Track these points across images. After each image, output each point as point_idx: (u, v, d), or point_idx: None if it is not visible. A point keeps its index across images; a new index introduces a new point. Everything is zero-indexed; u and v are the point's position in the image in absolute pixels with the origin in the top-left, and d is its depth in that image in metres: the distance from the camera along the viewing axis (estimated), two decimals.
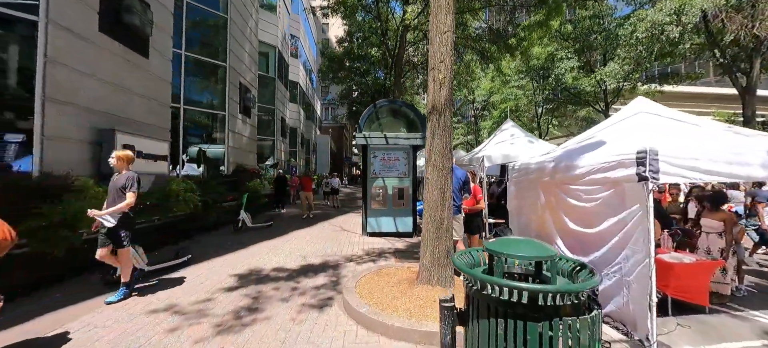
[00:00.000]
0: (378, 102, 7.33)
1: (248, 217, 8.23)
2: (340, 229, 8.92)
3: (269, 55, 17.88)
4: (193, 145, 11.17)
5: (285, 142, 19.67)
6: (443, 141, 3.73)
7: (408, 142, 7.34)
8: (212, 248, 6.34)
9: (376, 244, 7.06)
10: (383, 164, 7.93)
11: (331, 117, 46.57)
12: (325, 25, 54.05)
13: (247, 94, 12.66)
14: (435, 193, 3.70)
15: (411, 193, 7.89)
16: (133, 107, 6.53)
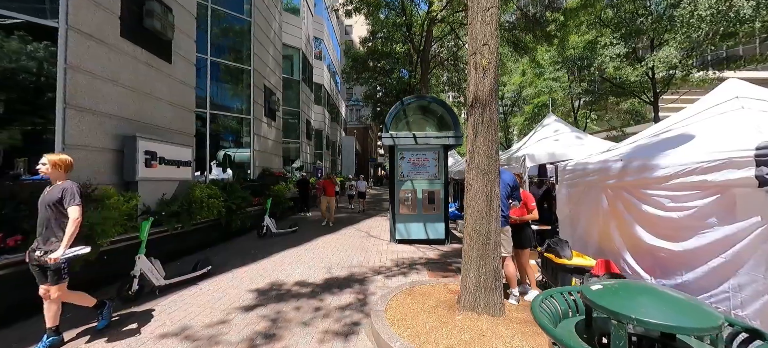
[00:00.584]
0: (405, 99, 6.77)
1: (272, 223, 7.98)
2: (366, 235, 8.45)
3: (293, 57, 17.87)
4: (222, 150, 11.22)
5: (310, 144, 19.62)
6: (488, 139, 3.10)
7: (439, 141, 6.71)
8: (235, 257, 6.08)
9: (406, 253, 6.50)
10: (412, 166, 7.36)
11: (356, 118, 46.59)
12: (348, 27, 54.40)
13: (271, 97, 12.57)
14: (479, 202, 3.08)
15: (442, 196, 7.26)
16: (156, 113, 6.43)
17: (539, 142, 7.20)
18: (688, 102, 19.40)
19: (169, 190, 6.18)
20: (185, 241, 6.09)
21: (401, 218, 7.25)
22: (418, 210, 7.25)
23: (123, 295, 3.80)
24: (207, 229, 6.81)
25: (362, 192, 13.65)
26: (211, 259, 5.72)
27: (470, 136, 3.20)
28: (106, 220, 4.19)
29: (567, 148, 6.47)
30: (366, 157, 45.41)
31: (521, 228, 3.83)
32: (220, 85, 10.82)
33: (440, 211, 7.24)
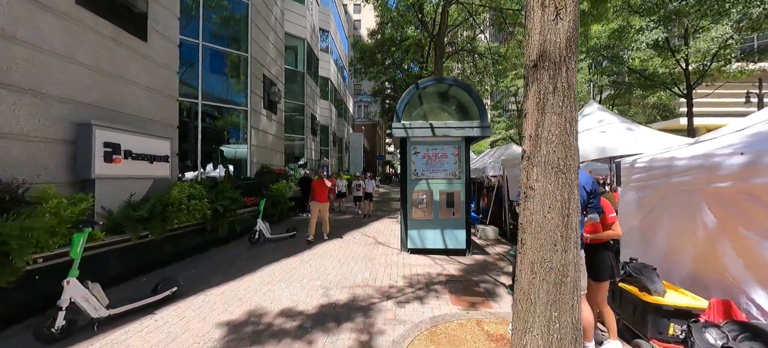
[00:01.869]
0: (421, 81, 5.65)
1: (266, 227, 6.97)
2: (373, 242, 7.38)
3: (298, 48, 16.89)
4: (224, 145, 10.30)
5: (315, 140, 18.66)
6: (564, 117, 1.98)
7: (461, 132, 5.56)
8: (215, 270, 5.08)
9: (420, 265, 5.41)
10: (427, 162, 6.25)
11: (364, 114, 45.59)
12: (356, 22, 53.35)
13: (272, 87, 11.60)
14: (550, 217, 1.96)
15: (463, 199, 6.12)
16: (129, 99, 5.47)
17: (582, 133, 5.99)
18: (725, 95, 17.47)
19: (140, 189, 5.21)
20: (157, 252, 5.12)
21: (414, 224, 6.15)
22: (435, 214, 6.14)
23: (43, 333, 2.80)
24: (188, 235, 5.84)
25: (369, 193, 11.58)
26: (186, 274, 4.74)
27: (532, 114, 2.08)
28: (34, 230, 3.21)
29: (618, 141, 5.29)
30: (374, 155, 44.38)
31: (596, 251, 2.68)
32: (213, 73, 9.87)
33: (461, 217, 6.11)
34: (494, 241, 7.81)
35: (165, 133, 5.98)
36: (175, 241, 5.50)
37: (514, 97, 30.06)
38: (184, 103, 8.97)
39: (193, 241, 5.96)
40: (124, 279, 4.46)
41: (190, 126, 9.07)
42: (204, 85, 9.27)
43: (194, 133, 9.03)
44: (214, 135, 9.91)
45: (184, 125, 9.10)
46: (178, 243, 5.58)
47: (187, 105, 9.06)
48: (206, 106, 9.42)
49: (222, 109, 10.03)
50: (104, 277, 4.07)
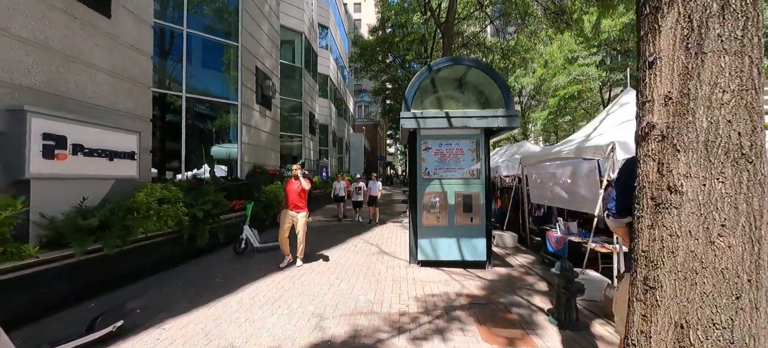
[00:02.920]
0: (435, 63, 4.73)
1: (255, 235, 6.07)
2: (377, 251, 6.47)
3: (295, 42, 16.03)
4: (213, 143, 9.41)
5: (314, 139, 17.78)
6: (745, 60, 1.08)
7: (483, 122, 4.63)
8: (184, 292, 4.17)
9: (435, 283, 4.50)
10: (440, 160, 5.35)
11: (365, 114, 44.76)
12: (357, 21, 52.58)
13: (266, 81, 10.72)
14: (722, 245, 1.06)
15: (483, 202, 5.22)
16: (87, 84, 4.59)
17: (622, 125, 5.10)
18: None
19: (97, 192, 4.32)
20: (115, 269, 4.21)
21: (426, 232, 5.24)
22: (450, 220, 5.23)
23: None
24: (159, 247, 4.93)
25: (374, 196, 10.07)
26: (147, 298, 3.84)
27: (673, 58, 1.18)
28: None
29: None
30: (375, 155, 43.52)
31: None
32: (200, 64, 8.99)
33: (480, 223, 5.20)
34: (513, 249, 6.90)
35: (132, 126, 5.08)
36: (141, 255, 4.60)
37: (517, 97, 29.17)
38: (166, 95, 8.11)
39: (164, 254, 5.05)
40: (67, 305, 3.56)
41: (173, 122, 8.20)
42: (189, 76, 8.39)
43: (178, 130, 8.14)
44: (201, 132, 9.02)
45: (166, 120, 8.24)
46: (145, 256, 4.68)
47: (169, 98, 8.19)
48: (192, 99, 8.54)
49: (210, 103, 9.15)
50: (35, 306, 3.17)
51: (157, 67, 8.03)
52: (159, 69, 8.10)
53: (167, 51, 8.37)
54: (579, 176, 5.06)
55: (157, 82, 7.92)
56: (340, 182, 10.60)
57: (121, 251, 4.21)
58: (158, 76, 8.00)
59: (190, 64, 8.50)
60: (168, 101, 8.21)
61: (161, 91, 7.98)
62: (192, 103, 8.58)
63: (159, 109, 8.10)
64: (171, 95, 8.17)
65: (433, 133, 5.29)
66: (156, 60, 7.94)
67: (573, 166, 5.28)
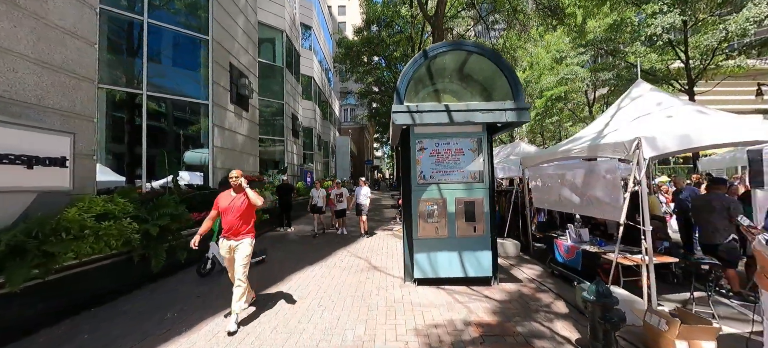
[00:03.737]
0: (431, 48, 4.02)
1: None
2: (366, 266, 5.70)
3: (275, 41, 15.15)
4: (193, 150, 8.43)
5: (298, 143, 16.86)
6: None
7: (489, 116, 3.95)
8: (123, 334, 3.29)
9: (436, 307, 3.78)
10: (437, 161, 4.66)
11: (351, 118, 43.96)
12: (341, 24, 51.93)
13: (241, 79, 9.82)
14: None
15: (487, 209, 4.56)
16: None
17: (637, 120, 4.58)
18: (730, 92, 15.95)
19: (10, 209, 3.39)
20: (24, 310, 3.28)
21: (423, 245, 4.53)
22: (450, 231, 4.54)
23: None
24: (99, 273, 4.01)
25: (361, 204, 8.55)
26: (74, 344, 2.95)
27: None
28: None
29: (702, 124, 3.88)
30: (362, 159, 42.72)
31: None
32: (164, 58, 8.04)
33: (485, 233, 4.54)
34: (516, 258, 6.28)
35: (65, 126, 4.16)
36: (72, 286, 3.68)
37: None
38: (121, 93, 7.13)
39: (105, 283, 4.12)
40: None
41: (132, 124, 7.21)
42: (151, 72, 7.43)
43: (138, 133, 7.16)
44: (166, 135, 8.04)
45: (123, 121, 7.25)
46: (77, 288, 3.76)
47: (126, 96, 7.21)
48: (155, 98, 7.57)
49: (176, 102, 8.17)
50: None
51: (111, 60, 7.05)
52: (113, 63, 7.12)
53: (124, 43, 7.39)
54: (595, 177, 4.48)
55: (111, 77, 6.95)
56: (319, 190, 9.03)
57: (42, 284, 3.29)
58: (112, 71, 7.02)
59: (152, 58, 7.54)
60: (125, 100, 7.23)
61: (115, 88, 6.99)
62: (155, 103, 7.60)
63: (113, 108, 7.11)
64: (129, 93, 7.18)
65: (430, 131, 4.60)
66: (109, 53, 6.98)
67: (587, 167, 4.70)
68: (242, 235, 3.51)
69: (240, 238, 3.49)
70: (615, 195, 4.07)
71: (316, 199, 8.92)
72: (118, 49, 7.33)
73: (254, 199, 3.45)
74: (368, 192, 8.63)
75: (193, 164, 8.44)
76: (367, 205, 8.60)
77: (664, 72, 17.54)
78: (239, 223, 3.47)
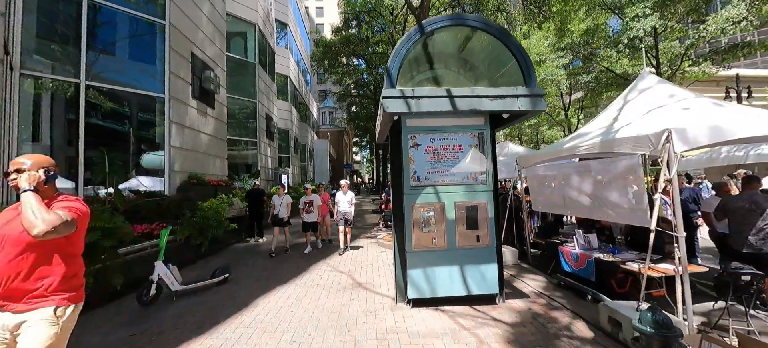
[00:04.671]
0: (428, 22, 3.30)
1: (171, 274, 4.22)
2: (350, 283, 4.90)
3: (247, 35, 14.06)
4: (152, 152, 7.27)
5: (272, 145, 15.74)
6: None
7: (498, 104, 3.27)
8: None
9: (438, 338, 3.06)
10: (434, 159, 3.98)
11: (330, 121, 42.88)
12: (319, 25, 50.95)
13: (206, 72, 8.76)
14: None
15: (491, 214, 3.92)
16: None
17: (652, 113, 4.12)
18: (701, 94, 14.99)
19: None
20: None
21: (418, 259, 3.81)
22: (450, 241, 3.86)
23: None
24: None
25: (345, 213, 6.94)
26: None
27: None
28: None
29: (732, 119, 3.44)
30: (341, 163, 41.71)
31: None
32: (108, 44, 6.90)
33: (489, 242, 3.89)
34: (515, 267, 5.71)
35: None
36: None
37: None
38: (49, 82, 5.96)
39: None
40: None
41: (65, 119, 6.05)
42: (91, 58, 6.29)
43: (71, 129, 6.00)
44: (110, 133, 6.86)
45: (57, 117, 6.08)
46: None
47: (56, 86, 6.04)
48: (96, 90, 6.42)
49: (124, 95, 7.01)
50: None
51: (41, 44, 5.89)
52: (43, 47, 5.95)
53: (59, 23, 6.22)
54: (612, 176, 3.95)
55: (40, 63, 5.78)
56: (282, 197, 7.05)
57: None
58: (41, 56, 5.85)
59: (94, 42, 6.41)
60: (59, 90, 6.05)
61: (43, 75, 5.82)
62: (96, 95, 6.45)
63: (47, 101, 5.93)
64: (62, 82, 6.02)
65: (424, 124, 3.92)
66: (39, 35, 5.82)
67: (601, 165, 4.18)
68: (34, 302, 1.59)
69: (29, 309, 1.58)
70: (638, 196, 3.55)
71: (277, 207, 6.97)
72: (50, 29, 6.15)
73: (32, 221, 1.48)
74: (352, 198, 7.11)
75: (153, 168, 7.30)
76: (352, 213, 7.06)
77: (636, 76, 18.12)
78: (26, 273, 1.58)
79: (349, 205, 7.02)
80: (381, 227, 10.41)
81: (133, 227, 5.20)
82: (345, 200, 7.03)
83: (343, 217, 6.97)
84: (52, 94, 6.02)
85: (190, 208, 6.62)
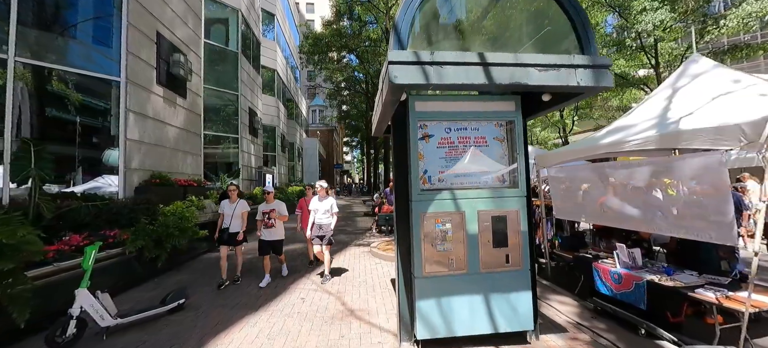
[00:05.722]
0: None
1: (101, 305, 3.16)
2: (340, 311, 3.91)
3: (229, 21, 12.90)
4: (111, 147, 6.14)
5: (256, 142, 14.58)
6: None
7: (550, 76, 2.23)
8: None
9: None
10: (450, 155, 3.07)
11: (320, 119, 41.64)
12: (310, 22, 49.73)
13: (175, 56, 7.63)
14: None
15: (524, 227, 3.01)
16: None
17: (717, 101, 3.31)
18: None
19: None
20: None
21: (430, 287, 2.87)
22: (472, 263, 2.93)
23: None
24: None
25: (323, 226, 4.99)
26: None
27: None
28: None
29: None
30: (331, 163, 40.55)
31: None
32: (48, 13, 5.74)
33: (522, 265, 2.99)
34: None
35: None
36: None
37: None
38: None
39: None
40: None
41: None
42: (23, 31, 5.14)
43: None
44: (47, 121, 5.69)
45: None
46: None
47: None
48: (29, 68, 5.26)
49: (66, 76, 5.84)
50: None
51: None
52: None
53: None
54: (678, 179, 3.08)
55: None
56: (236, 203, 4.84)
57: None
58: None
59: (26, 11, 5.26)
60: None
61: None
62: (27, 75, 5.29)
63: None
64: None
65: (439, 109, 3.00)
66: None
67: (663, 167, 3.31)
68: None
69: None
70: (721, 206, 2.69)
71: (227, 218, 4.81)
72: None
73: None
74: (333, 206, 5.04)
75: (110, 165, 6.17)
76: (332, 227, 4.99)
77: (634, 78, 17.85)
78: None
79: (328, 216, 4.98)
80: (374, 232, 9.46)
81: (71, 238, 4.12)
82: (322, 209, 4.96)
83: (322, 232, 4.91)
84: None
85: (149, 213, 5.53)
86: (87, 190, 5.77)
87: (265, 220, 4.84)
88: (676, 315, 3.42)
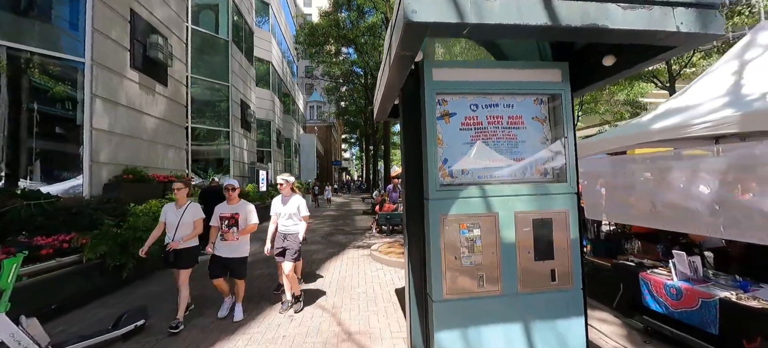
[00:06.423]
0: None
1: (26, 334, 2.44)
2: (337, 334, 3.18)
3: (219, 7, 12.09)
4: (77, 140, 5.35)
5: (249, 136, 13.81)
6: None
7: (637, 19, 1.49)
8: None
9: None
10: (477, 139, 2.34)
11: (318, 115, 40.81)
12: (307, 16, 48.68)
13: (152, 37, 6.86)
14: None
15: (575, 234, 2.30)
16: None
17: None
18: None
19: None
20: None
21: (451, 313, 2.16)
22: (507, 281, 2.22)
23: None
24: None
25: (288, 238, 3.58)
26: None
27: None
28: None
29: None
30: (329, 160, 39.79)
31: None
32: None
33: (573, 283, 2.28)
34: None
35: None
36: None
37: None
38: None
39: None
40: None
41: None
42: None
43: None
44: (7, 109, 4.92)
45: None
46: None
47: None
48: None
49: (17, 55, 5.06)
50: None
51: None
52: None
53: None
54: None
55: None
56: (186, 205, 3.47)
57: None
58: None
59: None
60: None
61: None
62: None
63: None
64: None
65: (462, 77, 2.28)
66: None
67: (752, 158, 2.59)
68: None
69: None
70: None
71: (172, 228, 3.37)
72: None
73: None
74: (300, 207, 3.62)
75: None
76: (299, 236, 3.59)
77: (644, 70, 17.17)
78: None
79: (294, 222, 3.61)
80: (374, 232, 8.75)
81: None
82: (286, 212, 3.59)
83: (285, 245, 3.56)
84: None
85: (117, 213, 4.80)
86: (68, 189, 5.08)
87: (223, 229, 3.35)
88: (752, 340, 2.73)
